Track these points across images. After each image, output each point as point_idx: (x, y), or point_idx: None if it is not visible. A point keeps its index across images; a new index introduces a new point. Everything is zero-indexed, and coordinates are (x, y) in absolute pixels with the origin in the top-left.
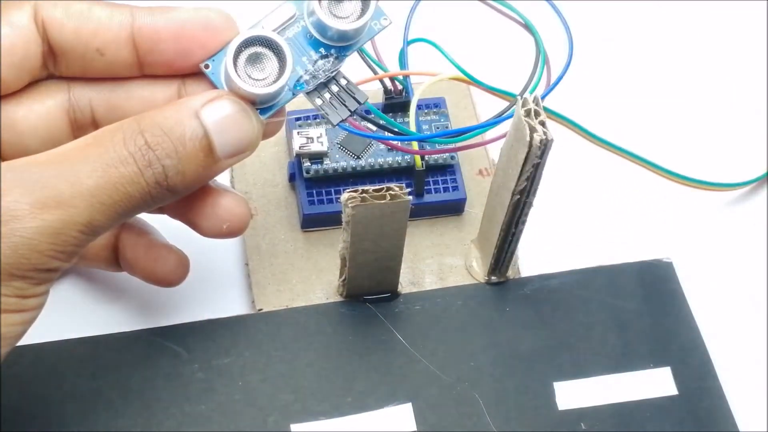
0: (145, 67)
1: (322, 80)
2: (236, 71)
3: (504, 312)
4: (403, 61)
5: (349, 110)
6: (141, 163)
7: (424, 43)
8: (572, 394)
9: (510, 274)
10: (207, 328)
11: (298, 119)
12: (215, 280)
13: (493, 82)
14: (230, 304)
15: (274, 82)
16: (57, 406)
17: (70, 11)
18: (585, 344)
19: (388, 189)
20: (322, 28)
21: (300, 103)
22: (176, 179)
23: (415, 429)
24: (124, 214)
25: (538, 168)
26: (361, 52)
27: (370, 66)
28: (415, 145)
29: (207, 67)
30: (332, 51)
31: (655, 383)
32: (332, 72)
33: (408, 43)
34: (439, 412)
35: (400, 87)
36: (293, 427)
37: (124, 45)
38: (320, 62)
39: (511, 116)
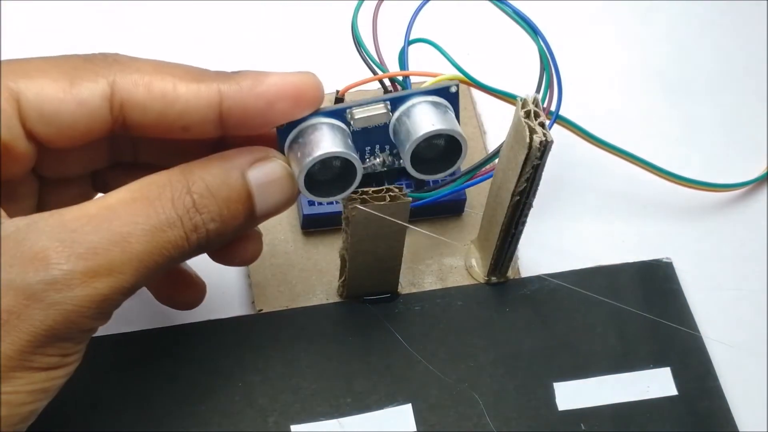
0: (226, 134)
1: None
2: (304, 182)
3: (504, 312)
4: (403, 61)
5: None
6: (187, 228)
7: (424, 43)
8: (572, 394)
9: (510, 274)
10: (207, 329)
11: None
12: (215, 280)
13: (493, 82)
14: (230, 304)
15: (333, 196)
16: (56, 406)
17: (153, 92)
18: (585, 344)
19: (388, 190)
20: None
21: None
22: (216, 240)
23: (415, 429)
24: (160, 273)
25: (537, 169)
26: (363, 52)
27: (369, 66)
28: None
29: (281, 126)
30: (395, 151)
31: (655, 383)
32: (386, 169)
33: (408, 43)
34: (439, 412)
35: (399, 88)
36: (293, 427)
37: (210, 123)
38: (377, 161)
39: None
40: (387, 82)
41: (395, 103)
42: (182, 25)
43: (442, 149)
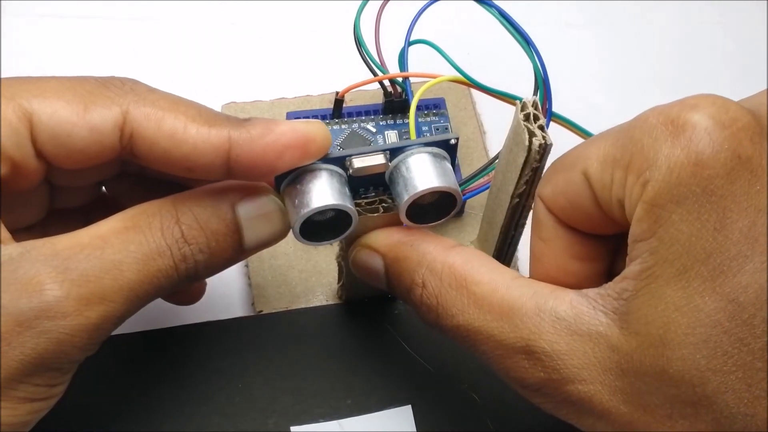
0: (231, 179)
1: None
2: (299, 229)
3: None
4: (403, 62)
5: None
6: (176, 257)
7: (425, 44)
8: None
9: None
10: (207, 330)
11: (297, 119)
12: (215, 282)
13: (493, 82)
14: (230, 305)
15: (326, 240)
16: (57, 406)
17: (163, 129)
18: None
19: (381, 201)
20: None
21: (300, 103)
22: (203, 272)
23: (415, 430)
24: (149, 301)
25: (537, 172)
26: (364, 52)
27: (370, 67)
28: None
29: None
30: (389, 192)
31: None
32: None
33: (409, 44)
34: (438, 413)
35: (399, 90)
36: (293, 428)
37: (216, 168)
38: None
39: None
40: (387, 83)
41: (394, 151)
42: (184, 22)
43: (437, 200)
